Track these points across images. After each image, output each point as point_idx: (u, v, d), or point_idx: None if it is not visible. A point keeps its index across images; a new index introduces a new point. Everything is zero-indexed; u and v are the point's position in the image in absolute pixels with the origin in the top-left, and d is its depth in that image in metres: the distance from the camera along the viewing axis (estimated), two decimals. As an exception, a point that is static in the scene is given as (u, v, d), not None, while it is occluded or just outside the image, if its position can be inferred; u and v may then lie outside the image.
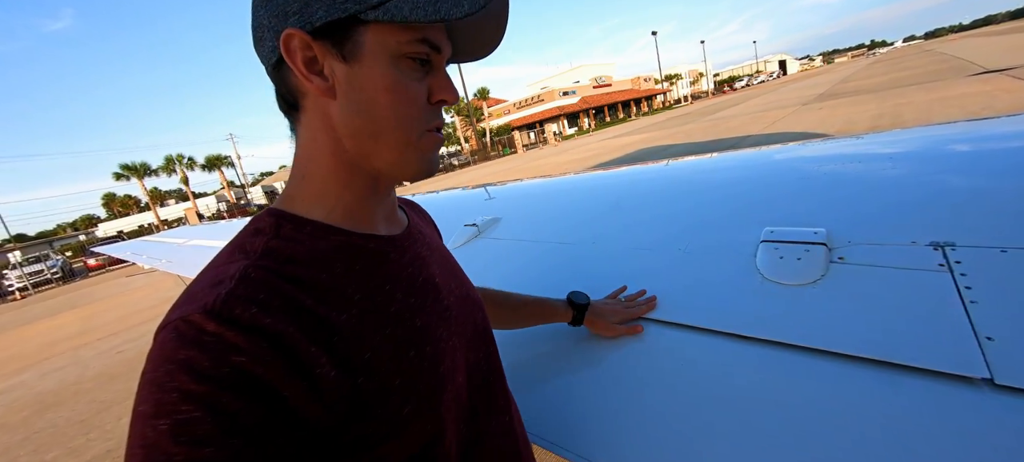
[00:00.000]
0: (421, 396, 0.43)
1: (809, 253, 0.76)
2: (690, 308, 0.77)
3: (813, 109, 14.91)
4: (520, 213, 1.55)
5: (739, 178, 1.26)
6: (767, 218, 0.91)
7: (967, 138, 1.16)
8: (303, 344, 0.36)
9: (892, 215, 0.83)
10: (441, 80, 0.46)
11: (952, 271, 0.64)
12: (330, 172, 0.46)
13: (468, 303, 0.58)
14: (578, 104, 49.19)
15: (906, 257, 0.70)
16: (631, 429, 0.65)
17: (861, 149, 1.23)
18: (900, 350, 0.57)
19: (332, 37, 0.41)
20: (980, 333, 0.54)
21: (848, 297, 0.67)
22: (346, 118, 0.44)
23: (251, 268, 0.38)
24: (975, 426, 0.47)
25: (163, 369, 0.33)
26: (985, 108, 7.97)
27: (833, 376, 0.58)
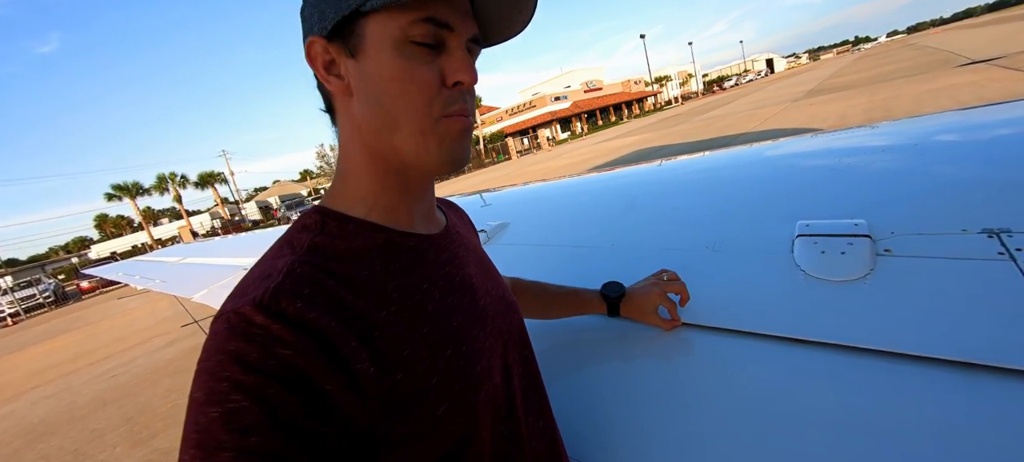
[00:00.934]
0: (456, 395, 0.43)
1: (853, 246, 0.71)
2: (727, 310, 0.72)
3: (803, 105, 15.02)
4: (528, 217, 1.49)
5: (760, 172, 1.22)
6: (798, 211, 0.86)
7: (993, 123, 1.12)
8: (344, 339, 0.37)
9: (933, 203, 0.79)
10: (455, 61, 0.44)
11: (1014, 259, 0.60)
12: (363, 170, 0.47)
13: (504, 305, 0.57)
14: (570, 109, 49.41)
15: (959, 247, 0.65)
16: (655, 442, 0.60)
17: (882, 138, 1.19)
18: (975, 347, 0.52)
19: (342, 36, 0.43)
20: (1064, 326, 0.49)
21: (904, 292, 0.62)
22: (363, 113, 0.45)
23: (297, 263, 0.39)
24: (1079, 432, 0.42)
25: (215, 359, 0.34)
26: (976, 98, 8.04)
27: (901, 378, 0.53)
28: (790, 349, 0.62)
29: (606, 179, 1.72)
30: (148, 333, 8.26)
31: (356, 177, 0.47)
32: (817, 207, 0.87)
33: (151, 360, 6.37)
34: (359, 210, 0.47)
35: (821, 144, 1.32)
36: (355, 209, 0.47)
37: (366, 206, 0.47)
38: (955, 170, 0.89)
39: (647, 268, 0.91)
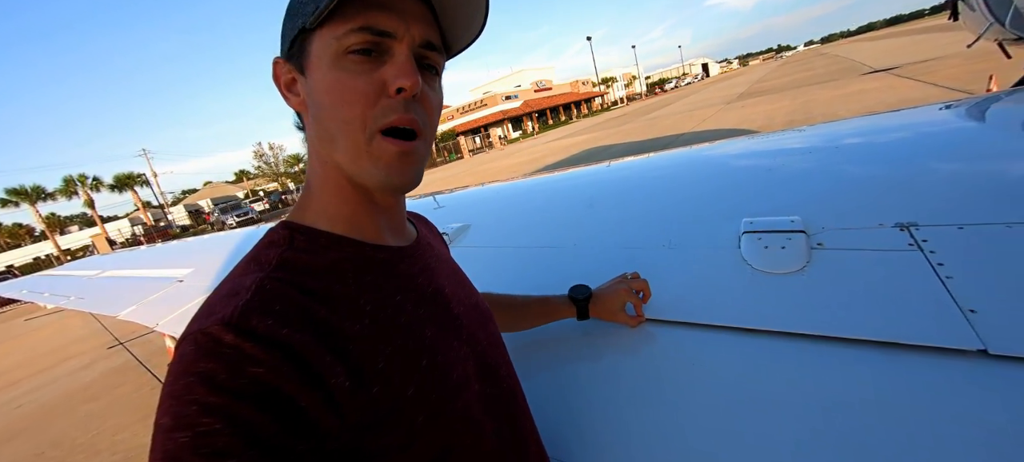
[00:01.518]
0: (434, 405, 0.43)
1: (791, 241, 0.78)
2: (686, 304, 0.77)
3: (735, 107, 16.20)
4: (489, 218, 1.49)
5: (706, 172, 1.30)
6: (742, 209, 0.93)
7: (901, 126, 1.27)
8: (318, 354, 0.36)
9: (855, 200, 0.88)
10: (396, 66, 0.42)
11: (922, 249, 0.69)
12: (325, 185, 0.47)
13: (477, 313, 0.57)
14: (521, 108, 49.86)
15: (878, 239, 0.74)
16: (632, 434, 0.63)
17: (810, 140, 1.32)
18: (893, 329, 0.59)
19: (294, 55, 0.45)
20: (963, 306, 0.57)
21: (834, 281, 0.69)
22: (312, 129, 0.46)
23: (267, 280, 0.39)
24: (977, 396, 0.49)
25: (182, 382, 0.33)
26: (880, 101, 9.06)
27: (834, 360, 0.60)
28: (745, 338, 0.68)
29: (564, 179, 1.76)
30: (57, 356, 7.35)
31: (321, 192, 0.48)
32: (758, 204, 0.95)
33: (64, 386, 5.69)
34: (327, 224, 0.47)
35: (758, 145, 1.44)
36: (323, 223, 0.47)
37: (333, 220, 0.47)
38: (871, 169, 1.01)
39: (611, 266, 0.94)
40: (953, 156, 1.01)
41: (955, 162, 0.97)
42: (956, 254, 0.66)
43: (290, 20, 0.44)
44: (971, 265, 0.63)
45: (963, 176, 0.89)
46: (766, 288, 0.72)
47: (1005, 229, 0.68)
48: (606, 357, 0.74)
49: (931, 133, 1.22)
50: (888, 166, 1.01)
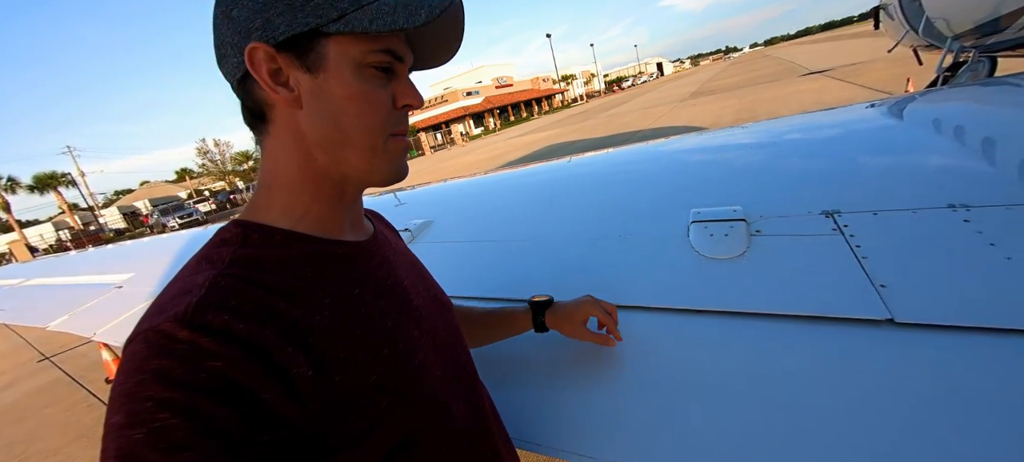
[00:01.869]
0: (397, 389, 0.45)
1: (734, 229, 0.84)
2: (642, 290, 0.81)
3: (688, 105, 16.94)
4: (451, 214, 1.50)
5: (658, 166, 1.37)
6: (690, 200, 1.00)
7: (832, 124, 1.39)
8: (279, 346, 0.37)
9: (788, 190, 0.97)
10: (405, 86, 0.49)
11: (843, 234, 0.77)
12: (298, 182, 0.47)
13: (437, 305, 0.60)
14: (482, 104, 49.67)
15: (806, 226, 0.82)
16: (591, 414, 0.67)
17: (751, 136, 1.42)
18: (819, 304, 0.66)
19: (296, 50, 0.43)
20: (875, 282, 0.65)
21: (770, 264, 0.76)
22: (314, 128, 0.45)
23: (220, 277, 0.39)
24: (885, 357, 0.57)
25: (135, 380, 0.33)
26: (816, 101, 9.77)
27: (770, 335, 0.66)
28: (692, 319, 0.73)
29: (524, 175, 1.80)
30: (-29, 376, 6.60)
31: (287, 188, 0.47)
32: (705, 196, 1.02)
33: (-21, 409, 5.12)
34: (286, 222, 0.47)
35: (705, 141, 1.53)
36: (282, 221, 0.47)
37: (294, 217, 0.47)
38: (802, 162, 1.10)
39: (569, 258, 0.98)
40: (871, 150, 1.12)
41: (872, 156, 1.08)
42: (871, 237, 0.74)
43: (290, 12, 0.42)
44: (883, 246, 0.71)
45: (878, 168, 1.00)
46: (711, 272, 0.78)
47: (911, 214, 0.77)
48: (565, 342, 0.78)
49: (854, 130, 1.35)
50: (817, 159, 1.11)
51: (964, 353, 0.55)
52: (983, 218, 0.71)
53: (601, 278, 0.87)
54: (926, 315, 0.59)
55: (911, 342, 0.57)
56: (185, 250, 2.05)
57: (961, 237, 0.69)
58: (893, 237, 0.73)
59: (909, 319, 0.59)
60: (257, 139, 0.49)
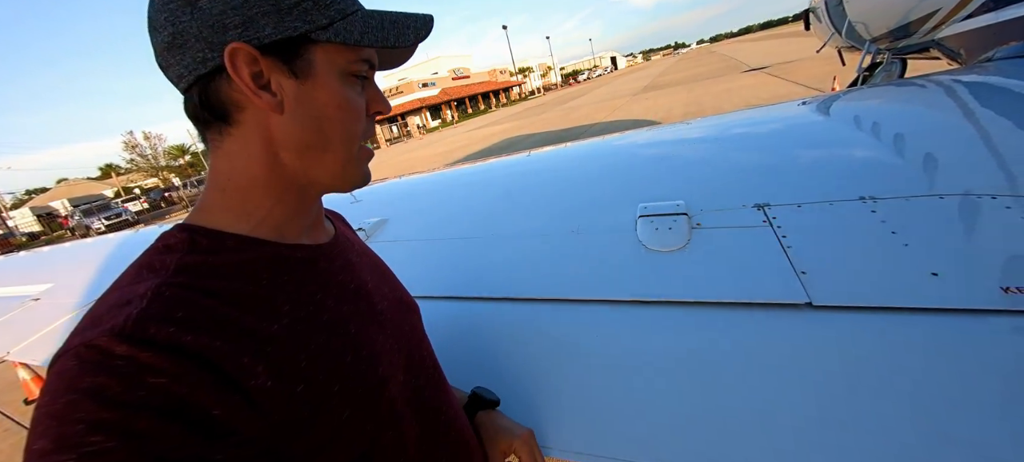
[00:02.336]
0: (360, 399, 0.43)
1: (676, 222, 0.89)
2: (592, 283, 0.85)
3: (641, 99, 17.54)
4: (405, 212, 1.48)
5: (608, 162, 1.42)
6: (639, 195, 1.05)
7: (767, 120, 1.50)
8: (233, 358, 0.35)
9: (722, 185, 1.04)
10: (375, 92, 0.49)
11: (771, 225, 0.83)
12: (260, 185, 0.45)
13: (402, 308, 0.58)
14: (439, 96, 48.84)
15: (740, 218, 0.88)
16: (547, 404, 0.69)
17: (693, 132, 1.50)
18: (750, 291, 0.72)
19: (281, 54, 0.42)
20: (797, 269, 0.72)
21: (709, 255, 0.82)
22: (294, 133, 0.44)
23: (164, 286, 0.36)
24: (804, 336, 0.63)
25: (63, 400, 0.30)
26: (755, 96, 10.42)
27: (708, 321, 0.71)
28: (638, 309, 0.77)
29: (480, 170, 1.80)
30: None
31: (245, 192, 0.45)
32: (652, 191, 1.07)
33: None
34: (242, 226, 0.44)
35: (652, 137, 1.61)
36: (237, 226, 0.44)
37: (253, 221, 0.45)
38: (739, 158, 1.18)
39: (522, 254, 1.00)
40: (797, 146, 1.22)
41: (798, 151, 1.18)
42: (795, 228, 0.81)
43: (277, 15, 0.41)
44: (805, 236, 0.78)
45: (803, 163, 1.09)
46: (657, 264, 0.83)
47: (829, 206, 0.85)
48: (520, 336, 0.80)
49: (785, 126, 1.46)
50: (751, 154, 1.19)
51: (871, 330, 0.62)
52: (887, 209, 0.79)
53: (553, 274, 0.90)
54: (838, 298, 0.65)
55: (826, 322, 0.63)
56: (115, 256, 1.89)
57: (869, 226, 0.77)
58: (813, 227, 0.81)
59: (824, 302, 0.65)
60: (206, 137, 0.45)
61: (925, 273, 0.65)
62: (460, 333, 0.86)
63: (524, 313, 0.85)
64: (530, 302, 0.87)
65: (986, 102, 1.28)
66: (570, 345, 0.76)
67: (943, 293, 0.62)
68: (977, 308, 0.59)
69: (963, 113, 1.26)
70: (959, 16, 2.23)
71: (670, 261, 0.83)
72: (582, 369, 0.72)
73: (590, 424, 0.66)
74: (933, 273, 0.64)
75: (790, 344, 0.63)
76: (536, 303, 0.86)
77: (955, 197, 0.79)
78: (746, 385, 0.61)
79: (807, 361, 0.61)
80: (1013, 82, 1.39)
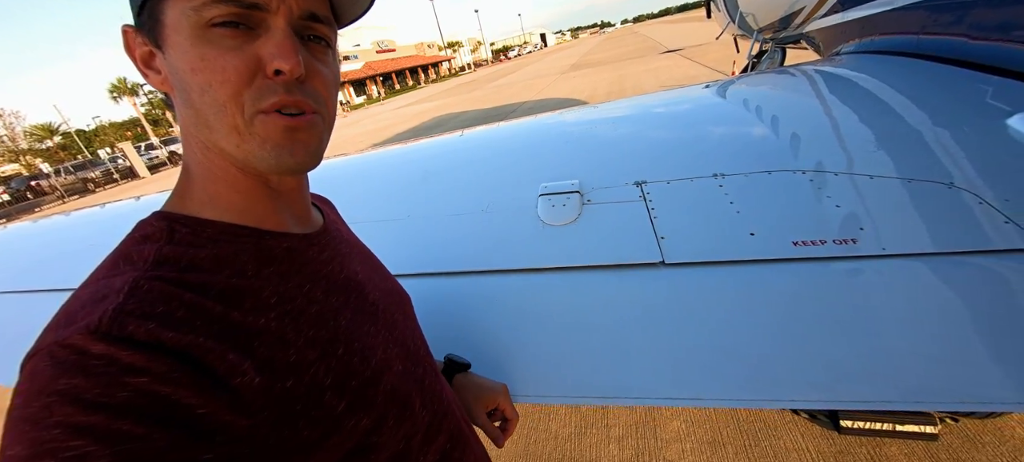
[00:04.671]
0: (354, 391, 0.42)
1: (570, 200, 1.03)
2: (497, 255, 0.96)
3: (569, 78, 18.04)
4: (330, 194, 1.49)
5: (520, 145, 1.54)
6: (541, 176, 1.17)
7: (649, 106, 1.70)
8: (218, 353, 0.33)
9: (612, 165, 1.19)
10: (272, 43, 0.37)
11: (645, 199, 1.00)
12: (211, 172, 0.42)
13: (394, 296, 0.57)
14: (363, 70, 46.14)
15: (622, 194, 1.04)
16: (477, 361, 0.80)
17: (594, 116, 1.66)
18: (620, 254, 0.87)
19: (146, 25, 0.38)
20: (659, 235, 0.88)
21: (593, 227, 0.96)
22: (180, 112, 0.40)
23: (142, 279, 0.34)
24: (658, 289, 0.79)
25: (38, 403, 0.28)
26: (670, 76, 11.22)
27: (589, 281, 0.85)
28: (539, 276, 0.90)
29: (400, 153, 1.83)
30: None
31: (203, 177, 0.42)
32: (553, 171, 1.20)
33: None
34: (217, 212, 0.42)
35: (558, 120, 1.76)
36: (212, 212, 0.42)
37: (222, 207, 0.42)
38: (629, 140, 1.35)
39: (436, 234, 1.08)
40: (679, 128, 1.42)
41: (679, 133, 1.37)
42: (662, 201, 0.98)
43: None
44: (668, 207, 0.95)
45: (679, 143, 1.28)
46: (551, 237, 0.96)
47: (690, 182, 1.03)
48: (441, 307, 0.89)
49: (675, 111, 1.67)
50: (640, 137, 1.37)
51: (706, 279, 0.79)
52: (730, 183, 0.99)
53: (464, 249, 1.00)
54: (684, 256, 0.83)
55: (674, 276, 0.80)
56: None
57: (715, 198, 0.95)
58: (675, 200, 0.98)
59: (673, 260, 0.82)
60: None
61: (746, 233, 0.84)
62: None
63: (444, 286, 0.95)
64: (449, 275, 0.96)
65: (828, 90, 1.56)
66: (481, 310, 0.87)
67: (755, 248, 0.81)
68: (775, 258, 0.78)
69: (807, 100, 1.53)
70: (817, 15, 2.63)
71: (562, 233, 0.96)
72: (493, 329, 0.83)
73: (508, 370, 0.78)
74: (751, 233, 0.84)
75: (648, 295, 0.79)
76: (454, 276, 0.96)
77: (779, 173, 1.00)
78: (616, 329, 0.76)
79: (659, 307, 0.77)
80: (849, 73, 1.71)
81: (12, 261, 1.50)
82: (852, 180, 0.91)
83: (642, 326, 0.76)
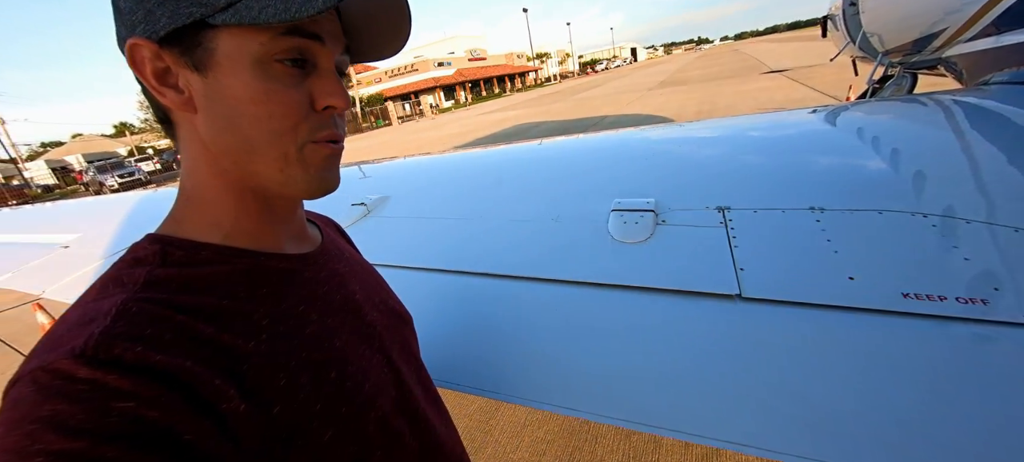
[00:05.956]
0: (344, 419, 0.41)
1: (643, 218, 1.00)
2: (565, 266, 0.96)
3: (656, 94, 17.42)
4: (408, 191, 1.59)
5: (597, 158, 1.52)
6: (616, 191, 1.14)
7: (742, 128, 1.58)
8: (205, 378, 0.33)
9: (693, 187, 1.13)
10: (325, 83, 0.41)
11: (726, 226, 0.93)
12: (215, 194, 0.43)
13: (393, 318, 0.56)
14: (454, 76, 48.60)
15: (702, 218, 0.98)
16: (531, 367, 0.81)
17: (678, 134, 1.59)
18: (692, 281, 0.82)
19: (180, 45, 0.38)
20: (738, 265, 0.82)
21: (665, 249, 0.92)
22: (213, 135, 0.40)
23: (131, 302, 0.34)
24: (731, 322, 0.73)
25: (21, 431, 0.27)
26: (770, 98, 10.34)
27: (654, 303, 0.82)
28: (602, 291, 0.88)
29: (479, 156, 1.90)
30: None
31: (207, 201, 0.43)
32: (628, 187, 1.17)
33: None
34: (215, 236, 0.42)
35: (638, 136, 1.71)
36: (209, 235, 0.42)
37: (223, 231, 0.43)
38: (712, 162, 1.27)
39: (505, 236, 1.11)
40: (773, 154, 1.31)
41: (773, 159, 1.27)
42: (745, 230, 0.91)
43: (174, 3, 0.36)
44: (751, 238, 0.88)
45: (772, 171, 1.18)
46: (620, 253, 0.93)
47: (781, 213, 0.94)
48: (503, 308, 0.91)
49: (770, 135, 1.54)
50: (727, 160, 1.28)
51: (789, 320, 0.72)
52: (829, 219, 0.89)
53: (531, 254, 1.01)
54: (766, 292, 0.76)
55: (752, 312, 0.74)
56: (134, 214, 2.02)
57: (810, 233, 0.86)
58: (761, 231, 0.90)
59: (752, 294, 0.75)
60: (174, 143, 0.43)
61: (844, 277, 0.75)
62: (449, 302, 0.97)
63: (507, 288, 0.96)
64: (513, 279, 0.98)
65: (969, 125, 1.34)
66: (542, 316, 0.87)
67: (854, 294, 0.71)
68: (879, 309, 0.69)
69: (941, 134, 1.33)
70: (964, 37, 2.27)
71: (632, 251, 0.93)
72: (556, 337, 0.83)
73: (561, 382, 0.77)
74: (850, 277, 0.74)
75: (719, 327, 0.74)
76: (518, 280, 0.97)
77: (894, 213, 0.88)
78: (679, 358, 0.72)
79: (731, 342, 0.71)
80: (1000, 107, 1.46)
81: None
82: (991, 231, 0.78)
83: (709, 359, 0.71)
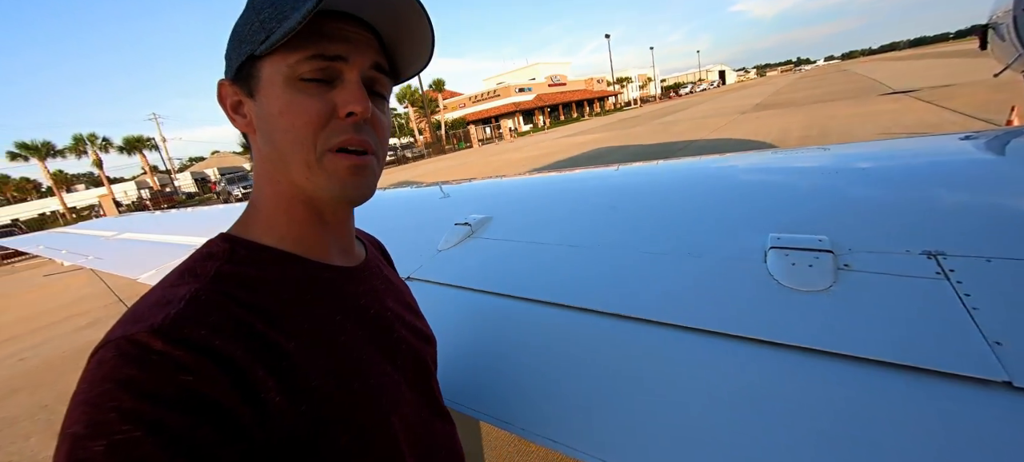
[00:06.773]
0: (360, 427, 0.44)
1: (819, 260, 0.79)
2: (709, 313, 0.78)
3: (750, 118, 16.07)
4: (510, 212, 1.51)
5: (728, 183, 1.31)
6: (767, 223, 0.95)
7: (924, 153, 1.28)
8: (253, 368, 0.37)
9: (881, 224, 0.90)
10: (347, 92, 0.45)
11: (949, 279, 0.70)
12: (272, 203, 0.49)
13: (419, 339, 0.59)
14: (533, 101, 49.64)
15: (905, 265, 0.75)
16: (643, 428, 0.65)
17: (832, 159, 1.32)
18: (918, 354, 0.61)
19: (242, 78, 0.46)
20: (989, 338, 0.59)
21: (861, 303, 0.71)
22: (264, 149, 0.47)
23: (202, 291, 0.39)
24: (1002, 425, 0.51)
25: (100, 389, 0.31)
26: (896, 123, 8.97)
27: (854, 378, 0.61)
28: (762, 350, 0.70)
29: (581, 178, 1.78)
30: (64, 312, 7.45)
31: (266, 209, 0.49)
32: (782, 220, 0.96)
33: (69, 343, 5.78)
34: (272, 239, 0.48)
35: (778, 160, 1.45)
36: (268, 238, 0.48)
37: (277, 235, 0.48)
38: (895, 195, 1.02)
39: (634, 270, 0.96)
40: (978, 188, 1.02)
41: (980, 194, 0.98)
42: (983, 286, 0.67)
43: (237, 46, 0.46)
44: (999, 298, 0.65)
45: (989, 209, 0.90)
46: (791, 303, 0.74)
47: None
48: (631, 356, 0.76)
49: (953, 162, 1.23)
50: (912, 192, 1.02)
51: (1098, 431, 0.48)
52: None
53: (670, 297, 0.85)
54: (1053, 383, 0.52)
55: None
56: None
57: (1097, 298, 0.61)
58: (1009, 288, 0.66)
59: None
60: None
61: None
62: (565, 341, 0.84)
63: (635, 333, 0.81)
64: (640, 322, 0.82)
65: None
66: (686, 375, 0.71)
67: None
68: None
69: None
70: None
71: (810, 302, 0.73)
72: (701, 403, 0.66)
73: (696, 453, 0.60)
74: None
75: (979, 427, 0.52)
76: (647, 325, 0.82)
77: None
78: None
79: (1004, 453, 0.49)
80: None
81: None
82: None
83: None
